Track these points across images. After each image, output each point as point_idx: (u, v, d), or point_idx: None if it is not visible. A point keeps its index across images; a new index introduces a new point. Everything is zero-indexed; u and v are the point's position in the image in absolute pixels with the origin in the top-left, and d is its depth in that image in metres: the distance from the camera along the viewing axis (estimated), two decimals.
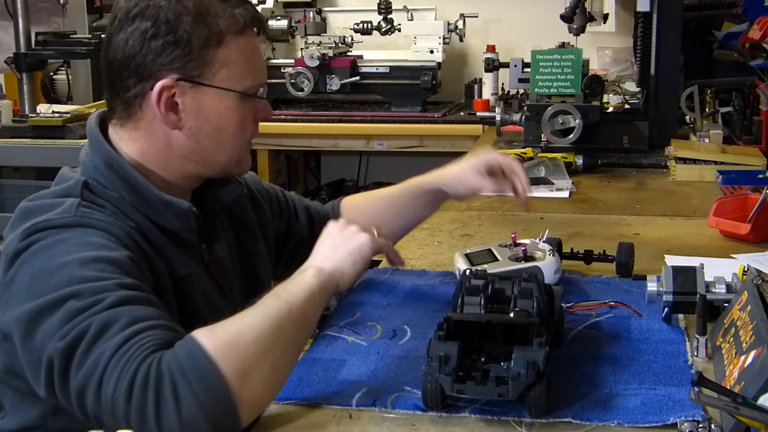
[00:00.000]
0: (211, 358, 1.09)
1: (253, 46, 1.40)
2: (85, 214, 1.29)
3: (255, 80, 1.40)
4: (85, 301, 1.16)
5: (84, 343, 1.13)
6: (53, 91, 4.01)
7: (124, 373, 1.09)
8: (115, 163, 1.35)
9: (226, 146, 1.40)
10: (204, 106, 1.35)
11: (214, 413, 1.08)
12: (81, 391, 1.13)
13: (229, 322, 1.16)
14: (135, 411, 1.08)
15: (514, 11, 4.17)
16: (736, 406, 0.98)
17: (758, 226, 1.90)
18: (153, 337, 1.13)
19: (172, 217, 1.37)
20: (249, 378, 1.11)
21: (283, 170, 4.33)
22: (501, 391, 1.11)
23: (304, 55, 3.72)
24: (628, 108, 3.25)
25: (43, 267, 1.22)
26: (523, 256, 1.58)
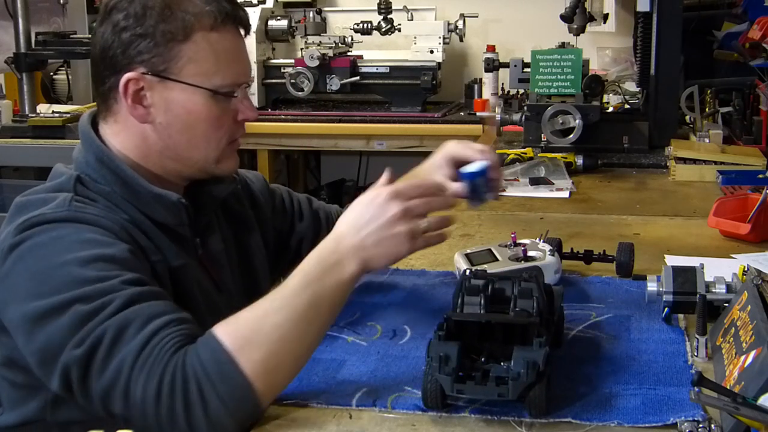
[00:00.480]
0: (233, 359, 1.12)
1: (227, 43, 1.37)
2: (78, 209, 1.30)
3: (228, 78, 1.37)
4: (93, 304, 1.17)
5: (102, 348, 1.15)
6: (53, 91, 4.01)
7: (151, 377, 1.12)
8: (105, 158, 1.37)
9: (199, 144, 1.38)
10: (172, 101, 1.35)
11: (239, 411, 1.12)
12: (105, 395, 1.15)
13: (252, 317, 1.16)
14: (165, 412, 1.11)
15: (514, 11, 4.17)
16: (736, 406, 0.98)
17: (758, 226, 1.90)
18: (171, 335, 1.15)
19: (162, 209, 1.38)
20: (271, 374, 1.14)
21: (283, 170, 4.33)
22: (501, 391, 1.11)
23: (304, 55, 3.72)
24: (628, 108, 3.25)
25: (42, 266, 1.23)
26: (523, 256, 1.57)
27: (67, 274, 1.21)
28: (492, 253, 1.60)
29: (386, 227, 1.22)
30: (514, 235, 1.63)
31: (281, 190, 1.75)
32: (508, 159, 2.67)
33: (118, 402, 1.15)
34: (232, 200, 1.58)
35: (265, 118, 3.75)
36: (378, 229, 1.22)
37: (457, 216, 2.15)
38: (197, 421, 1.11)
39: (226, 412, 1.11)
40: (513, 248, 1.60)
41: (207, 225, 1.50)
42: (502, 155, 2.66)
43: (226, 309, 1.32)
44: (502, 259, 1.58)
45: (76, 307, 1.17)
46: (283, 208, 1.71)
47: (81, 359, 1.16)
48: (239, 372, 1.12)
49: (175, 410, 1.11)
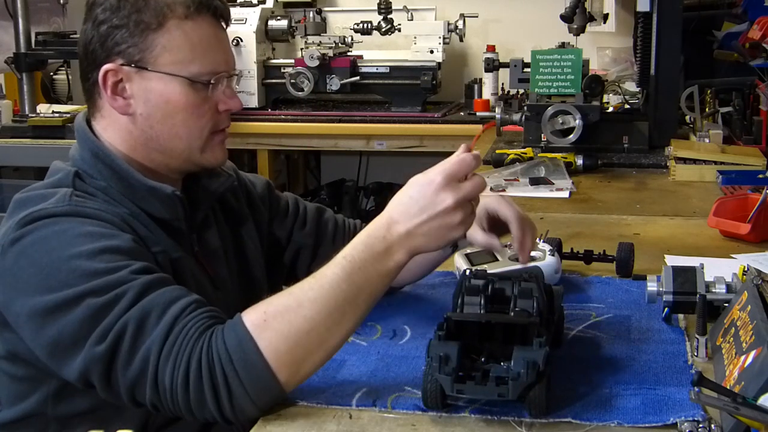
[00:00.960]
0: (260, 351, 1.13)
1: (202, 31, 1.37)
2: (78, 203, 1.31)
3: (206, 67, 1.37)
4: (106, 296, 1.19)
5: (126, 342, 1.17)
6: (53, 91, 4.01)
7: (178, 365, 1.15)
8: (100, 152, 1.38)
9: (180, 133, 1.39)
10: (150, 91, 1.36)
11: (261, 399, 1.15)
12: (133, 386, 1.18)
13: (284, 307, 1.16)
14: (194, 397, 1.15)
15: (514, 11, 4.17)
16: (736, 406, 0.98)
17: (758, 226, 1.90)
18: (192, 320, 1.19)
19: (158, 203, 1.38)
20: (297, 365, 1.15)
21: (283, 170, 4.33)
22: (501, 391, 1.11)
23: (304, 55, 3.72)
24: (628, 108, 3.25)
25: (48, 260, 1.23)
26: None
27: (76, 267, 1.22)
28: (492, 253, 1.60)
29: (439, 217, 1.18)
30: None
31: (288, 196, 1.73)
32: (508, 159, 2.67)
33: (147, 391, 1.18)
34: (230, 199, 1.58)
35: (265, 118, 3.75)
36: (430, 219, 1.18)
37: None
38: (224, 405, 1.15)
39: (249, 399, 1.14)
40: (512, 248, 1.60)
41: (204, 221, 1.50)
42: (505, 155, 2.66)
43: (222, 306, 1.34)
44: (502, 260, 1.58)
45: (88, 301, 1.19)
46: (286, 215, 1.69)
47: (104, 355, 1.18)
48: (264, 362, 1.13)
49: (204, 395, 1.15)
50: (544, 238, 1.68)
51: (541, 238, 1.67)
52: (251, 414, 1.16)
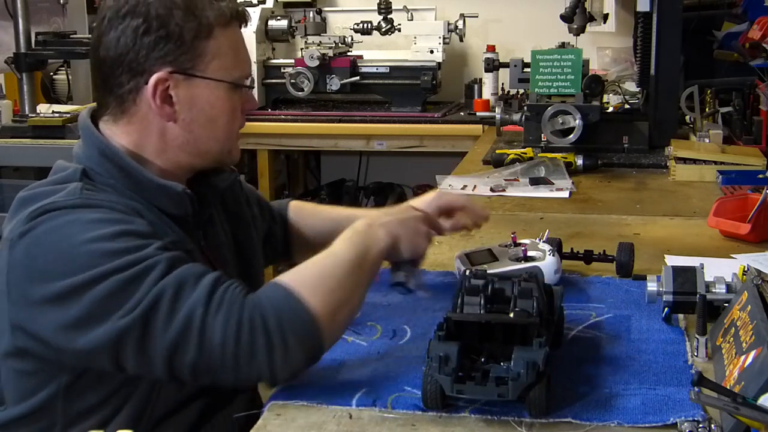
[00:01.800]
0: (302, 300, 1.23)
1: (238, 38, 1.45)
2: (89, 196, 1.33)
3: (243, 71, 1.46)
4: (132, 270, 1.22)
5: (164, 306, 1.21)
6: (53, 91, 4.01)
7: (230, 318, 1.20)
8: (109, 151, 1.38)
9: (219, 136, 1.44)
10: (197, 97, 1.40)
11: (310, 349, 1.23)
12: (174, 347, 1.21)
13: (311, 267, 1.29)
14: (245, 351, 1.20)
15: (514, 11, 4.17)
16: (736, 406, 0.98)
17: (758, 226, 1.90)
18: (232, 285, 1.25)
19: (167, 200, 1.40)
20: (335, 318, 1.26)
21: (283, 170, 4.33)
22: (501, 391, 1.11)
23: (304, 55, 3.72)
24: (628, 108, 3.25)
25: (65, 245, 1.25)
26: (524, 257, 1.57)
27: (96, 249, 1.24)
28: (492, 253, 1.60)
29: (411, 221, 1.42)
30: (514, 235, 1.63)
31: (255, 192, 1.77)
32: (508, 159, 2.67)
33: (190, 351, 1.20)
34: (229, 199, 1.60)
35: (265, 118, 3.75)
36: (403, 219, 1.41)
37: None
38: (276, 359, 1.20)
39: (300, 348, 1.21)
40: (513, 248, 1.60)
41: (209, 218, 1.52)
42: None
43: None
44: (503, 260, 1.58)
45: (115, 277, 1.22)
46: (261, 209, 1.74)
47: (139, 321, 1.20)
48: (309, 311, 1.22)
49: (257, 346, 1.20)
50: (544, 238, 1.68)
51: (540, 239, 1.67)
52: (300, 367, 1.23)
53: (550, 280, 1.51)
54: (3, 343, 1.34)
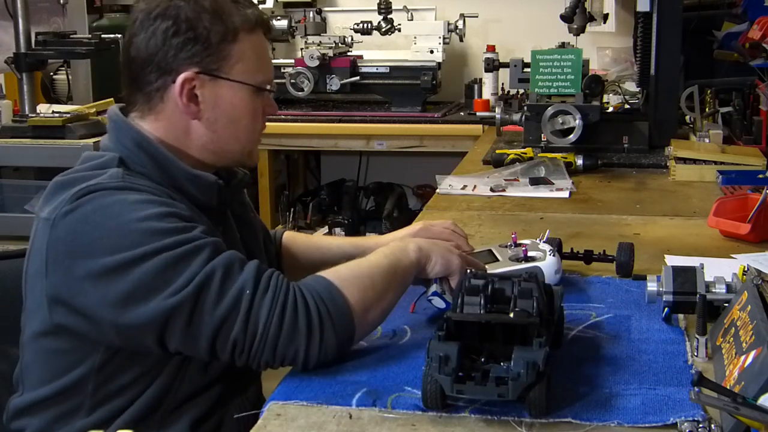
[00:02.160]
0: (344, 296, 1.32)
1: (263, 43, 1.51)
2: (131, 181, 1.38)
3: (266, 75, 1.51)
4: (181, 249, 1.29)
5: (214, 284, 1.28)
6: (53, 91, 4.01)
7: (275, 302, 1.28)
8: (144, 142, 1.44)
9: (240, 137, 1.50)
10: (221, 97, 1.46)
11: (343, 340, 1.31)
12: (221, 324, 1.27)
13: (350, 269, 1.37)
14: (286, 332, 1.27)
15: (514, 11, 4.17)
16: (736, 406, 0.98)
17: (758, 226, 1.90)
18: (275, 271, 1.33)
19: (197, 191, 1.45)
20: (367, 315, 1.34)
21: (283, 170, 4.33)
22: (501, 391, 1.11)
23: (304, 55, 3.72)
24: (628, 108, 3.25)
25: (114, 223, 1.31)
26: (524, 257, 1.57)
27: (147, 227, 1.30)
28: (492, 253, 1.60)
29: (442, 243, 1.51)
30: (515, 235, 1.63)
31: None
32: (508, 159, 2.67)
33: (235, 327, 1.27)
34: (236, 204, 1.62)
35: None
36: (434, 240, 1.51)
37: (456, 216, 2.16)
38: (314, 343, 1.28)
39: (336, 338, 1.29)
40: (513, 248, 1.60)
41: (226, 216, 1.56)
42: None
43: None
44: (503, 260, 1.57)
45: (165, 254, 1.28)
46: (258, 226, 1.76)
47: (191, 297, 1.26)
48: (347, 303, 1.31)
49: (298, 330, 1.27)
50: (544, 239, 1.67)
51: (541, 239, 1.67)
52: (332, 354, 1.29)
53: (551, 280, 1.51)
54: (35, 323, 1.39)
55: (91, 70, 3.86)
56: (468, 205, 2.29)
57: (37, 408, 1.42)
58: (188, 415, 1.43)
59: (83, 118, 3.30)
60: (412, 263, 1.42)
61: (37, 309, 1.38)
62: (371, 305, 1.34)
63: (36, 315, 1.38)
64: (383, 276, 1.37)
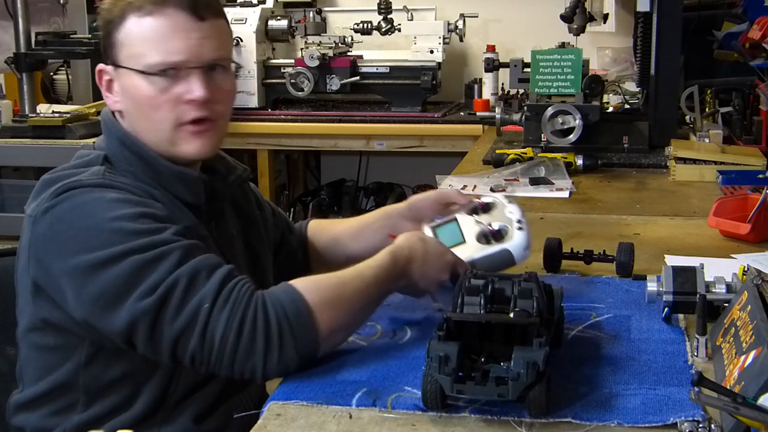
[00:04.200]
0: (311, 310, 1.27)
1: (162, 24, 1.39)
2: (112, 178, 1.38)
3: (159, 57, 1.39)
4: (150, 253, 1.27)
5: (177, 294, 1.25)
6: (53, 91, 4.01)
7: (234, 313, 1.25)
8: (128, 140, 1.44)
9: (149, 125, 1.44)
10: (124, 86, 1.44)
11: (305, 355, 1.27)
12: (178, 337, 1.25)
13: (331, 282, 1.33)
14: (243, 348, 1.24)
15: (514, 11, 4.17)
16: (736, 406, 0.98)
17: (758, 226, 1.90)
18: (240, 281, 1.29)
19: (182, 187, 1.44)
20: (334, 334, 1.30)
21: (283, 170, 4.33)
22: (501, 391, 1.11)
23: (304, 55, 3.72)
24: (628, 108, 3.25)
25: (89, 223, 1.30)
26: (492, 234, 1.54)
27: (119, 227, 1.29)
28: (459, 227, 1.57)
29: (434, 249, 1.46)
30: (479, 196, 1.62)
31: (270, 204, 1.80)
32: (508, 159, 2.67)
33: (192, 341, 1.25)
34: (240, 197, 1.62)
35: (265, 118, 3.75)
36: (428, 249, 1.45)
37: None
38: (272, 359, 1.25)
39: (297, 354, 1.26)
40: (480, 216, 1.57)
41: (220, 211, 1.55)
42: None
43: None
44: (470, 242, 1.54)
45: (133, 257, 1.26)
46: (275, 219, 1.76)
47: (153, 307, 1.25)
48: (313, 321, 1.27)
49: (255, 346, 1.24)
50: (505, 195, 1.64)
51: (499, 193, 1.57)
52: (292, 369, 1.26)
53: (520, 258, 1.51)
54: (25, 319, 1.41)
55: (91, 70, 3.85)
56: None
57: (35, 404, 1.43)
58: (190, 410, 1.43)
59: (83, 118, 3.31)
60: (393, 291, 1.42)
61: (25, 305, 1.39)
62: (341, 321, 1.31)
63: (25, 311, 1.40)
64: (365, 299, 1.34)
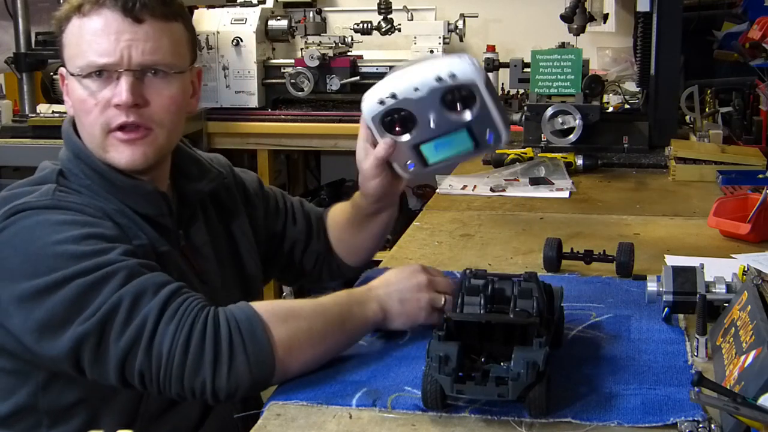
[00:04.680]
0: (266, 326, 1.22)
1: (96, 25, 1.36)
2: (61, 198, 1.34)
3: (85, 59, 1.36)
4: (94, 275, 1.22)
5: (121, 313, 1.20)
6: (53, 91, 3.99)
7: (180, 328, 1.19)
8: (81, 153, 1.41)
9: (84, 131, 1.42)
10: (68, 89, 1.43)
11: (258, 374, 1.21)
12: (125, 356, 1.20)
13: (288, 304, 1.28)
14: (191, 362, 1.19)
15: (514, 11, 4.17)
16: (736, 406, 0.98)
17: (758, 226, 1.90)
18: (190, 297, 1.23)
19: (142, 200, 1.41)
20: (292, 355, 1.23)
21: (283, 170, 4.33)
22: (501, 391, 1.11)
23: (304, 55, 3.72)
24: (628, 108, 3.25)
25: (33, 247, 1.26)
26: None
27: (63, 251, 1.24)
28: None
29: (411, 290, 1.35)
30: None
31: (275, 191, 1.77)
32: (508, 159, 2.67)
33: (138, 359, 1.19)
34: (223, 195, 1.61)
35: (265, 118, 3.75)
36: (405, 290, 1.35)
37: (456, 216, 2.16)
38: (220, 373, 1.19)
39: (248, 369, 1.20)
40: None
41: (191, 216, 1.52)
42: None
43: (208, 300, 1.35)
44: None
45: (77, 281, 1.21)
46: (276, 211, 1.73)
47: (96, 328, 1.20)
48: (268, 338, 1.21)
49: (203, 360, 1.18)
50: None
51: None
52: (243, 387, 1.20)
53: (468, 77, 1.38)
54: None
55: None
56: (468, 205, 2.29)
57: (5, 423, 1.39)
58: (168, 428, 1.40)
59: None
60: (366, 320, 1.33)
61: None
62: (300, 348, 1.24)
63: None
64: (326, 322, 1.27)
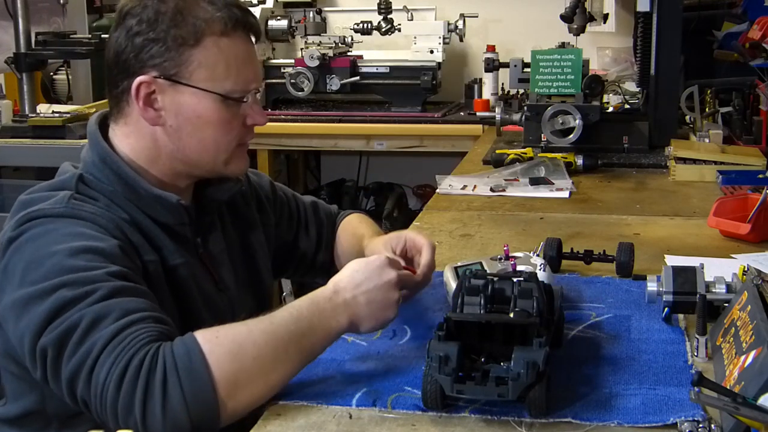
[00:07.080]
0: (206, 362, 1.14)
1: (238, 49, 1.39)
2: (75, 206, 1.33)
3: (239, 84, 1.39)
4: (76, 291, 1.20)
5: (77, 333, 1.17)
6: (53, 91, 4.00)
7: (117, 361, 1.14)
8: (109, 158, 1.39)
9: (208, 147, 1.41)
10: (182, 105, 1.37)
11: (198, 413, 1.13)
12: (72, 378, 1.17)
13: (236, 331, 1.19)
14: (123, 398, 1.13)
15: (514, 11, 4.16)
16: (736, 406, 0.98)
17: (758, 226, 1.90)
18: (145, 329, 1.17)
19: (163, 210, 1.40)
20: (239, 388, 1.15)
21: (283, 170, 4.33)
22: (501, 391, 1.11)
23: (304, 55, 3.72)
24: (628, 108, 3.25)
25: (34, 256, 1.26)
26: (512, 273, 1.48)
27: (57, 262, 1.23)
28: (482, 266, 1.56)
29: (381, 290, 1.29)
30: (507, 248, 1.59)
31: (287, 195, 1.76)
32: (508, 159, 2.67)
33: (81, 385, 1.16)
34: (239, 201, 1.61)
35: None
36: (374, 289, 1.29)
37: (456, 216, 2.16)
38: (153, 412, 1.12)
39: (184, 408, 1.12)
40: (503, 262, 1.57)
41: (209, 224, 1.52)
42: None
43: (225, 307, 1.36)
44: (491, 271, 1.53)
45: (60, 293, 1.20)
46: (290, 219, 1.73)
47: (54, 343, 1.18)
48: (208, 374, 1.13)
49: (134, 397, 1.12)
50: (538, 251, 1.65)
51: (535, 252, 1.63)
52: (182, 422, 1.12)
53: None
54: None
55: (91, 70, 3.86)
56: (468, 205, 2.29)
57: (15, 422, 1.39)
58: None
59: (83, 118, 3.30)
60: (329, 332, 1.25)
61: None
62: (249, 380, 1.16)
63: None
64: (279, 347, 1.19)
